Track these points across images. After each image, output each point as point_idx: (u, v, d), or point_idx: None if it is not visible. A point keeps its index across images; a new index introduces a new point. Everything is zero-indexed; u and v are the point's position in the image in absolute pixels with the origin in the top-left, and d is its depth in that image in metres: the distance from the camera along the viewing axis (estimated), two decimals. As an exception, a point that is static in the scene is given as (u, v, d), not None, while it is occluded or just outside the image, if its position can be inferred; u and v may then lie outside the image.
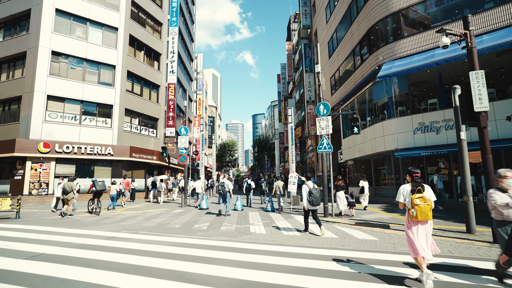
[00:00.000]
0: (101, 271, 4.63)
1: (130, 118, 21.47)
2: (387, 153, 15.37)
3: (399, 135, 14.14)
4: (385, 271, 4.48)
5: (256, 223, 9.51)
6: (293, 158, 17.11)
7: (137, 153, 20.58)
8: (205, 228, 8.62)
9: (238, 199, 13.31)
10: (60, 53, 18.41)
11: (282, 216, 11.07)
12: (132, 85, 21.98)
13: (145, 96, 23.27)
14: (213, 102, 77.11)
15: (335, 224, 9.30)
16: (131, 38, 21.85)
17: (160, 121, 24.62)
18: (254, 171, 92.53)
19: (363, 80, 17.08)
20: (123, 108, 20.55)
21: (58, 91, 18.00)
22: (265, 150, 50.60)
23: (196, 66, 46.73)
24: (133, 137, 21.31)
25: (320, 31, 26.94)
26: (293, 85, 42.00)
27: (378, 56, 15.67)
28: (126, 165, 20.45)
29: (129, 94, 21.29)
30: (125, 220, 10.45)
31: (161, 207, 14.86)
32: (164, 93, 25.65)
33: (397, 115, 14.63)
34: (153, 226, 9.13)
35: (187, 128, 16.36)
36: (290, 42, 43.89)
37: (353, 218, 10.20)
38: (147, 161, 21.67)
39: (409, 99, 15.06)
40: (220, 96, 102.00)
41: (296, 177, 13.07)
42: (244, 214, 11.79)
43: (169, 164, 25.91)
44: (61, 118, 18.10)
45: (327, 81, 25.28)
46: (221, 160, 54.92)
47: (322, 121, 10.61)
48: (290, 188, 13.06)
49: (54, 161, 17.42)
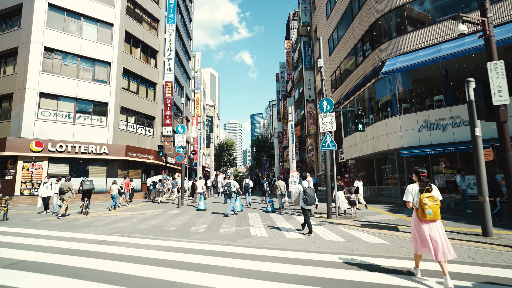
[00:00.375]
0: (84, 283, 4.12)
1: (126, 116, 20.92)
2: (390, 152, 14.92)
3: (403, 133, 13.68)
4: (405, 280, 3.99)
5: (256, 224, 9.02)
6: (293, 157, 16.63)
7: (133, 152, 20.03)
8: (202, 231, 8.11)
9: (237, 199, 12.80)
10: (53, 49, 17.83)
11: (283, 217, 10.58)
12: (128, 82, 21.42)
13: (141, 94, 22.72)
14: (211, 101, 76.52)
15: (340, 226, 8.82)
16: (127, 35, 21.30)
17: (157, 119, 24.07)
18: (252, 171, 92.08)
19: (365, 77, 16.62)
20: (119, 106, 19.99)
21: (51, 88, 17.43)
22: (264, 150, 50.06)
23: (194, 64, 46.18)
24: (129, 136, 20.75)
25: (320, 28, 26.47)
26: (292, 84, 41.52)
27: (381, 52, 15.21)
28: (122, 165, 19.89)
29: (125, 92, 20.73)
30: (118, 221, 9.92)
31: (158, 208, 14.33)
32: (161, 91, 25.10)
33: (401, 112, 14.17)
34: (147, 228, 8.61)
35: (184, 126, 15.84)
36: (289, 40, 43.41)
37: (357, 219, 9.73)
38: (143, 160, 21.12)
39: (413, 96, 14.60)
40: (218, 95, 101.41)
41: (297, 176, 12.58)
42: (244, 215, 11.29)
43: (167, 164, 25.37)
44: (54, 116, 17.53)
45: (327, 79, 24.81)
46: (219, 159, 54.39)
47: (326, 118, 10.13)
48: (291, 188, 12.56)
49: (47, 161, 16.85)
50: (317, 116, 28.08)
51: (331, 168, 10.53)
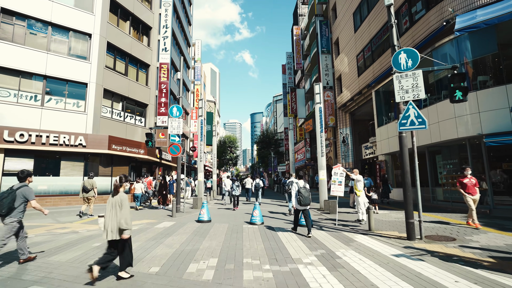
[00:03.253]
0: None
1: (111, 101, 17.10)
2: (456, 141, 11.15)
3: (484, 115, 9.89)
4: None
5: (304, 257, 5.21)
6: (322, 150, 12.90)
7: (118, 145, 16.20)
8: (210, 278, 4.26)
9: (256, 207, 9.00)
10: (14, 12, 13.99)
11: (334, 238, 6.78)
12: (114, 61, 17.60)
13: (131, 76, 18.90)
14: (211, 97, 72.67)
15: (444, 257, 5.02)
16: (113, 3, 17.47)
17: (149, 107, 20.26)
18: (254, 170, 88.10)
19: (415, 46, 12.83)
20: (101, 88, 16.17)
21: (11, 62, 13.61)
22: (270, 146, 46.14)
23: (194, 53, 42.35)
24: (114, 125, 16.94)
25: (341, 3, 22.68)
26: (302, 74, 37.71)
27: (443, 9, 11.43)
28: (104, 160, 16.06)
29: (110, 71, 16.92)
30: (64, 249, 6.04)
31: (145, 217, 10.53)
32: (155, 74, 21.30)
33: (478, 87, 10.40)
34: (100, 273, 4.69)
35: (181, 108, 12.02)
36: (298, 26, 39.53)
37: (463, 243, 5.94)
38: (132, 155, 17.28)
39: (497, 63, 10.71)
40: (218, 92, 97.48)
41: (342, 173, 8.77)
42: (270, 234, 7.45)
43: (161, 160, 21.56)
44: (15, 97, 13.70)
45: (351, 61, 21.01)
46: (221, 157, 50.45)
47: (406, 79, 6.33)
48: (334, 190, 8.73)
49: (2, 154, 13.02)
50: (335, 106, 24.30)
51: (412, 159, 6.65)
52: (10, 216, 4.81)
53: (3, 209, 4.72)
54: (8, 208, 4.75)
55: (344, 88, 22.46)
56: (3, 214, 4.76)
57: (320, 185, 12.66)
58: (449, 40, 11.04)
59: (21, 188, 4.98)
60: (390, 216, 10.03)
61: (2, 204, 4.72)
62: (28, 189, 5.05)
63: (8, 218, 4.80)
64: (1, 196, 4.79)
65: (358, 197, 8.72)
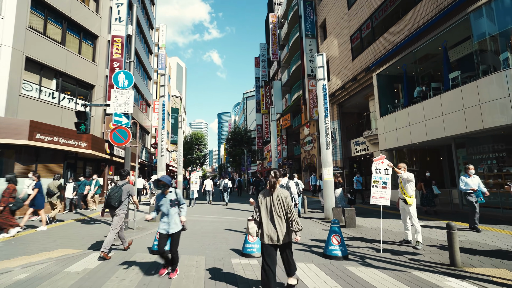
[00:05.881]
0: None
1: (38, 76, 12.61)
2: (488, 130, 8.69)
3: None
4: None
5: None
6: (328, 139, 9.84)
7: (47, 134, 11.77)
8: None
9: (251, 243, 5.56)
10: None
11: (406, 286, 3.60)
12: (44, 23, 13.10)
13: (70, 46, 14.44)
14: (177, 92, 67.41)
15: None
16: None
17: (97, 89, 15.89)
18: (222, 171, 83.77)
19: (438, 14, 10.26)
20: (22, 56, 11.68)
21: None
22: (242, 144, 42.65)
23: (158, 39, 37.64)
24: (43, 109, 12.49)
25: (329, -20, 20.04)
26: (278, 66, 34.84)
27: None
28: (23, 154, 11.57)
29: (36, 35, 12.42)
30: None
31: (64, 243, 6.60)
32: (106, 49, 16.95)
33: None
34: None
35: (131, 75, 8.19)
36: (274, 14, 36.57)
37: None
38: (69, 148, 12.86)
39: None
40: (185, 88, 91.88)
41: (388, 169, 5.65)
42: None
43: (112, 157, 17.19)
44: None
45: (342, 43, 18.35)
46: (187, 156, 45.91)
47: None
48: (377, 195, 5.57)
49: None
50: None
51: None
52: (120, 208, 5.46)
53: (116, 202, 5.35)
54: (119, 202, 5.38)
55: (333, 76, 19.79)
56: (115, 206, 5.37)
57: (324, 188, 9.57)
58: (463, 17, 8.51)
59: (125, 185, 5.57)
60: (464, 236, 6.67)
61: (114, 197, 5.34)
62: (131, 186, 5.65)
63: (119, 210, 5.45)
64: (113, 191, 5.42)
65: (409, 206, 5.68)
